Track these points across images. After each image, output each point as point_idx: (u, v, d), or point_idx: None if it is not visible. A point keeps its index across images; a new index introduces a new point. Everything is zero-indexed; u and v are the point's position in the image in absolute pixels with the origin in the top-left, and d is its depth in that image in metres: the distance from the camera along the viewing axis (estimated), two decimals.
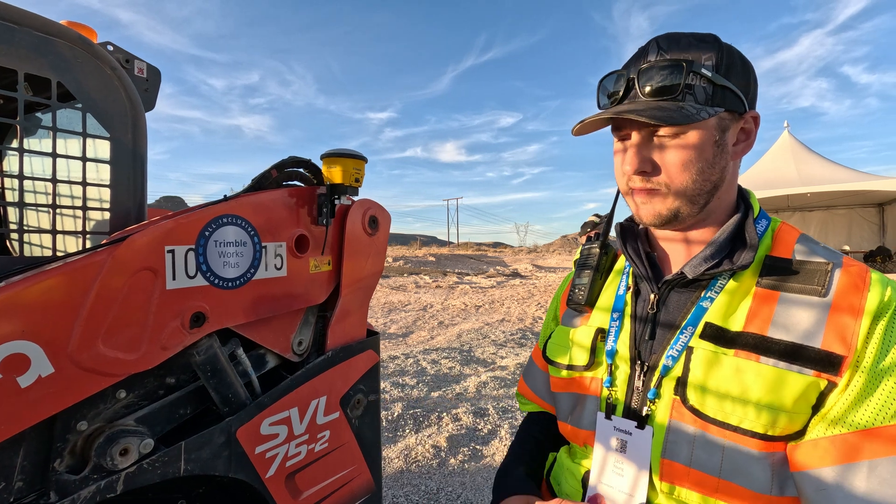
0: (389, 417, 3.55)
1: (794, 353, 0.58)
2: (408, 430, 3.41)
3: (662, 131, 0.64)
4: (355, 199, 1.35)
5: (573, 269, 0.94)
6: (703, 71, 0.62)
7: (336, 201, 1.24)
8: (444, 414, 3.65)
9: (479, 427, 3.48)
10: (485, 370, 4.98)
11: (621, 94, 0.67)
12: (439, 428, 3.43)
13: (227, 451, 1.05)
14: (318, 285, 1.27)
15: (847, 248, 18.30)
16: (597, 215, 3.99)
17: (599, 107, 0.72)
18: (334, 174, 1.20)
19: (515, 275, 19.13)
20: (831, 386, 0.57)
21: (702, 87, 0.63)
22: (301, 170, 1.27)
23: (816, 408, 0.58)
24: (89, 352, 0.81)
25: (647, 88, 0.64)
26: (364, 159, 1.25)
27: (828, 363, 0.57)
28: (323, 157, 1.23)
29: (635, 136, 0.66)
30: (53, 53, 0.90)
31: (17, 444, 0.81)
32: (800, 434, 0.58)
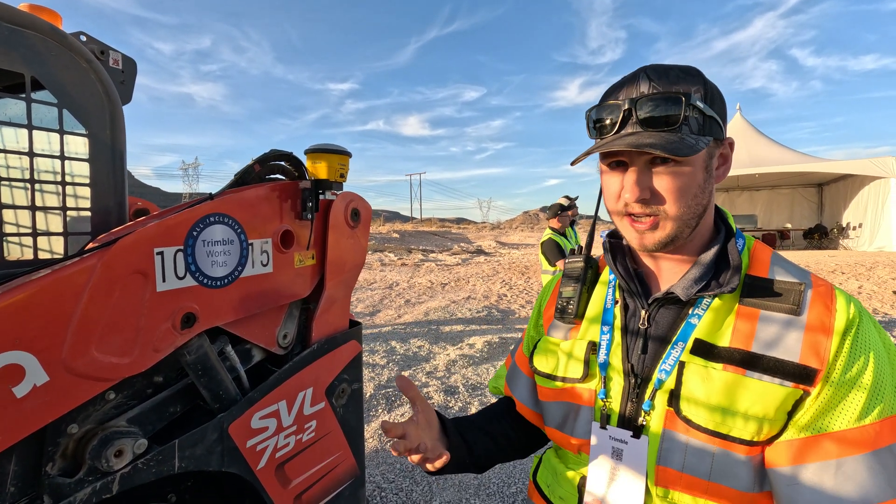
0: None
1: (776, 368, 0.65)
2: (380, 410, 3.47)
3: (662, 160, 0.68)
4: (338, 193, 1.35)
5: (554, 276, 0.97)
6: (697, 103, 0.67)
7: (321, 196, 1.24)
8: None
9: (451, 405, 3.59)
10: (453, 348, 5.08)
11: (618, 123, 0.69)
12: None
13: (219, 447, 1.06)
14: (303, 280, 1.28)
15: (789, 225, 19.48)
16: (566, 197, 4.08)
17: (591, 135, 0.75)
18: (319, 170, 1.20)
19: (480, 252, 19.35)
20: (806, 395, 0.65)
21: (695, 118, 0.67)
22: (283, 163, 1.26)
23: (791, 414, 0.65)
24: (83, 358, 0.80)
25: (647, 119, 0.67)
26: (348, 154, 1.26)
27: (805, 376, 0.64)
28: (307, 152, 1.22)
29: (636, 165, 0.69)
30: (25, 46, 0.86)
31: (8, 450, 0.80)
32: (776, 437, 0.66)
